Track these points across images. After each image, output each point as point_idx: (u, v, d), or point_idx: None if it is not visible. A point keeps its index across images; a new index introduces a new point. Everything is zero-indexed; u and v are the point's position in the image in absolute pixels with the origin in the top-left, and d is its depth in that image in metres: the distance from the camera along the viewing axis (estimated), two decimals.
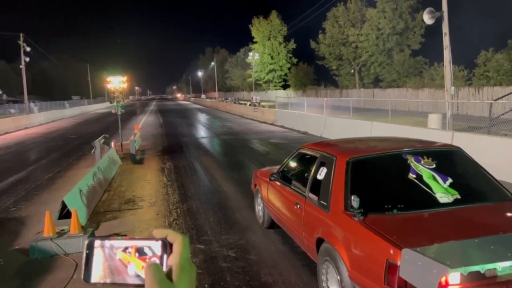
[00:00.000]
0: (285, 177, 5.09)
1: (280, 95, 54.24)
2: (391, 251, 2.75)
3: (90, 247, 0.64)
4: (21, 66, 34.88)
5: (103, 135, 12.56)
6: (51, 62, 75.50)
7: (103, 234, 6.06)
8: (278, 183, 5.16)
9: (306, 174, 4.50)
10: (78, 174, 10.19)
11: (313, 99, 24.97)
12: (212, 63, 78.88)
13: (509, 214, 3.50)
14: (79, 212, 5.88)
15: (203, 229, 6.25)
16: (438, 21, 13.98)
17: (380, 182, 3.81)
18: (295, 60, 63.63)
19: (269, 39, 64.09)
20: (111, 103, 13.45)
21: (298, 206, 4.37)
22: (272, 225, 5.88)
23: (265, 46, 63.86)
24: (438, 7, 13.96)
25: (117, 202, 7.93)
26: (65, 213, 6.05)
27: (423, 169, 3.67)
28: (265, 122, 24.87)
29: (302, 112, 20.71)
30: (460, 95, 26.29)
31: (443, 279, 2.45)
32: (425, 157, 3.80)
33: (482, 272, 2.44)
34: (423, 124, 13.71)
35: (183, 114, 39.53)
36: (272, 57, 64.34)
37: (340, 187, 3.66)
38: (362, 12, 43.44)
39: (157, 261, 0.63)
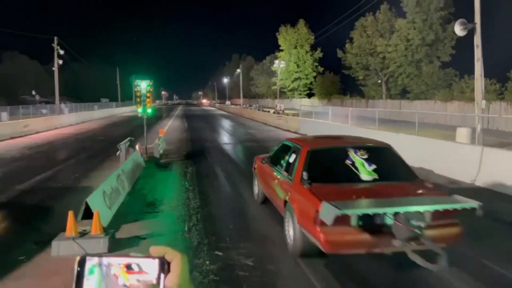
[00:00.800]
0: (272, 160, 7.07)
1: (305, 103, 53.93)
2: (318, 204, 4.46)
3: (82, 265, 0.60)
4: (54, 68, 36.11)
5: (129, 138, 12.80)
6: (83, 64, 77.78)
7: (124, 236, 6.13)
8: (267, 165, 7.17)
9: (284, 158, 6.35)
10: (102, 175, 10.38)
11: (338, 109, 24.73)
12: (238, 70, 79.29)
13: (406, 187, 5.15)
14: (102, 213, 5.97)
15: (222, 236, 6.22)
16: (470, 33, 13.61)
17: (326, 165, 5.69)
18: (321, 69, 63.29)
19: (295, 47, 64.03)
20: (137, 106, 13.72)
21: (276, 181, 6.32)
22: (265, 201, 7.59)
23: (292, 54, 63.83)
24: (471, 18, 13.60)
25: (139, 204, 8.02)
26: (88, 214, 6.15)
27: (357, 158, 5.44)
28: (288, 130, 24.79)
29: (327, 122, 20.52)
30: (491, 109, 25.48)
31: (348, 217, 4.36)
32: (361, 150, 5.59)
33: (360, 215, 4.30)
34: (451, 138, 13.32)
35: (208, 119, 39.89)
36: (298, 66, 64.24)
37: (300, 166, 5.51)
38: (391, 22, 42.88)
39: (154, 281, 0.58)
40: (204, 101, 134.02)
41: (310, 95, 65.02)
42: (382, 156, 5.74)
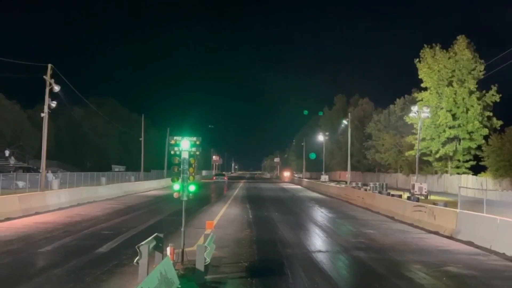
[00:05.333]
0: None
1: (467, 184, 52.26)
2: None
3: None
4: (43, 114, 38.26)
5: (155, 235, 13.14)
6: (88, 110, 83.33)
7: None
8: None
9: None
10: None
11: None
12: (345, 122, 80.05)
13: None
14: None
15: None
16: None
17: None
18: (498, 123, 61.56)
19: (450, 84, 63.45)
20: (174, 180, 14.28)
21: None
22: None
23: (443, 96, 63.17)
24: None
25: None
26: None
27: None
28: (436, 233, 24.07)
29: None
30: None
31: None
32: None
33: None
34: None
35: (288, 206, 40.37)
36: (454, 116, 63.14)
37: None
38: None
39: None
40: (286, 173, 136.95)
41: (477, 170, 63.02)
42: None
